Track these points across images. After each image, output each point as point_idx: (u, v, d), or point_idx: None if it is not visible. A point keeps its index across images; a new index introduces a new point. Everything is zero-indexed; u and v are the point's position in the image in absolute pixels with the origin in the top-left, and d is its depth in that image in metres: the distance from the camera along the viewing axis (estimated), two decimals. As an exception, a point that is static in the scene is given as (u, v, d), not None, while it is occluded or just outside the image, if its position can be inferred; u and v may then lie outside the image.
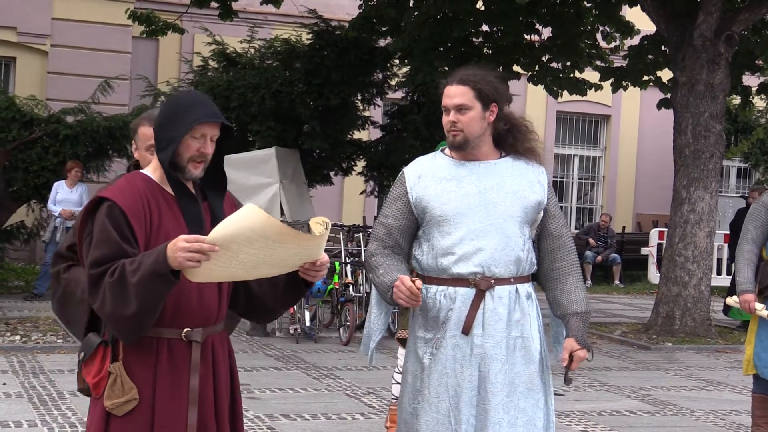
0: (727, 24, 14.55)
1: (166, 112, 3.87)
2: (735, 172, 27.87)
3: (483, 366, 4.60)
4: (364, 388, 10.19)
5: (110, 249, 3.67)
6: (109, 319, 3.65)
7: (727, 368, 12.51)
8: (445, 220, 4.65)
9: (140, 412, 3.73)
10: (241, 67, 18.68)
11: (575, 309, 4.76)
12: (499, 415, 4.57)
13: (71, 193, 15.91)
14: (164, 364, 3.76)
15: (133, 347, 3.75)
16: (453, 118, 4.68)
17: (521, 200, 4.69)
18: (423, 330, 4.71)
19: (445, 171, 4.74)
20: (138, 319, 3.61)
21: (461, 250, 4.61)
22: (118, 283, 3.60)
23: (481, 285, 4.60)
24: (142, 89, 19.00)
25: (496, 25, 16.76)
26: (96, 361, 3.79)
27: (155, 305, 3.63)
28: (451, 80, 4.76)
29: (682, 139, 14.77)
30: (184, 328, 3.79)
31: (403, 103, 19.58)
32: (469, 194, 4.66)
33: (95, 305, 3.69)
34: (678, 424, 9.31)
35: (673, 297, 14.64)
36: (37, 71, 20.79)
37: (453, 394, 4.60)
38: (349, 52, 17.59)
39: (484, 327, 4.60)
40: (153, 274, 3.55)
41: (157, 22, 16.96)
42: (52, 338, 12.04)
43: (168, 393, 3.75)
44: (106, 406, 3.73)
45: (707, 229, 14.66)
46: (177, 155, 3.81)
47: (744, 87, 18.28)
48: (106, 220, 3.72)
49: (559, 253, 4.80)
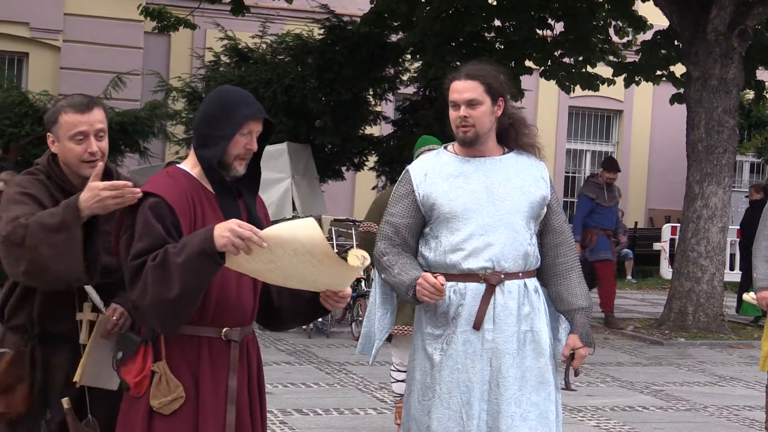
0: (740, 18, 14.49)
1: (211, 108, 3.81)
2: (748, 167, 27.76)
3: (494, 361, 4.59)
4: (376, 383, 10.19)
5: (153, 241, 3.61)
6: (150, 307, 3.56)
7: (740, 364, 12.47)
8: (453, 217, 4.64)
9: (185, 410, 3.70)
10: (252, 62, 18.69)
11: (580, 304, 4.76)
12: (511, 408, 4.57)
13: (83, 188, 15.92)
14: (205, 362, 3.74)
15: (176, 346, 3.71)
16: (464, 113, 4.65)
17: (527, 196, 4.70)
18: (431, 327, 4.70)
19: (451, 168, 4.73)
20: (180, 304, 3.54)
21: (471, 246, 4.61)
22: (161, 266, 3.53)
23: (492, 280, 4.60)
24: (154, 84, 19.04)
25: (508, 20, 16.72)
26: (137, 360, 3.74)
27: (198, 288, 3.57)
28: (458, 75, 4.74)
29: (695, 134, 14.73)
30: (224, 327, 3.76)
31: (414, 98, 19.57)
32: (477, 190, 4.65)
33: (134, 297, 3.61)
34: (691, 419, 9.28)
35: (685, 292, 14.60)
36: (50, 67, 20.82)
37: (464, 389, 4.59)
38: (361, 47, 17.59)
39: (495, 322, 4.60)
40: (200, 254, 3.50)
41: (169, 18, 16.99)
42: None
43: (210, 392, 3.73)
44: (153, 405, 3.68)
45: (720, 224, 14.61)
46: (225, 153, 3.76)
47: (757, 82, 18.20)
48: (150, 214, 3.65)
49: (561, 249, 4.80)
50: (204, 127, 3.79)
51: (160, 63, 21.80)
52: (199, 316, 3.70)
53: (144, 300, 3.57)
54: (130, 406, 3.77)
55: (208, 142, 3.77)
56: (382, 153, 19.03)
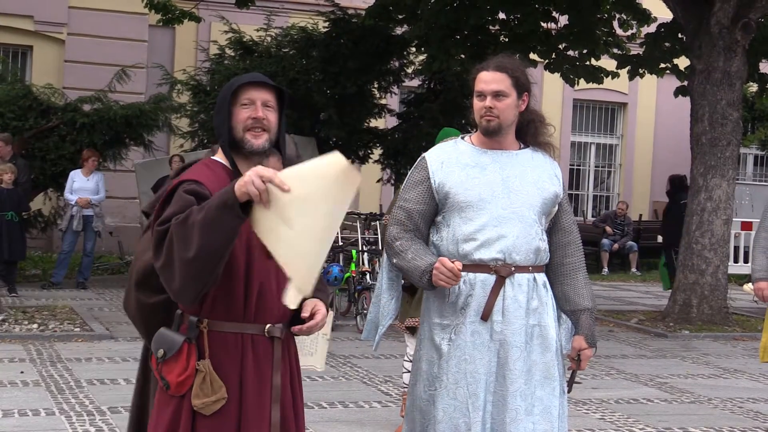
0: (743, 11, 14.48)
1: (219, 94, 3.79)
2: (752, 159, 27.76)
3: (502, 353, 4.61)
4: (381, 376, 10.21)
5: (182, 205, 3.50)
6: (172, 269, 3.44)
7: (744, 356, 12.48)
8: (468, 206, 4.65)
9: (228, 410, 3.63)
10: (257, 55, 18.70)
11: (585, 305, 4.78)
12: (516, 402, 4.58)
13: (87, 181, 15.96)
14: (249, 360, 3.67)
15: (220, 344, 3.64)
16: (490, 103, 4.66)
17: (541, 191, 4.71)
18: (439, 316, 4.70)
19: (468, 158, 4.74)
20: (199, 263, 3.39)
21: (483, 236, 4.62)
22: (182, 225, 3.41)
23: (502, 272, 4.61)
24: (159, 77, 19.04)
25: (512, 13, 16.71)
26: (181, 359, 3.63)
27: (219, 246, 3.40)
28: (486, 66, 4.74)
29: (698, 127, 14.73)
30: (266, 323, 3.71)
31: (419, 91, 19.58)
32: (493, 181, 4.66)
33: (158, 264, 3.49)
34: (695, 411, 9.30)
35: (690, 285, 14.61)
36: (54, 60, 20.85)
37: (471, 380, 4.60)
38: (366, 40, 17.59)
39: (504, 314, 4.61)
40: (220, 206, 3.37)
41: (174, 11, 16.98)
42: (69, 327, 12.08)
43: (255, 390, 3.67)
44: (195, 405, 3.61)
45: (724, 216, 14.61)
46: (232, 130, 3.69)
47: (761, 74, 18.18)
48: (185, 192, 3.55)
49: (569, 248, 4.82)
50: (214, 119, 3.76)
51: (165, 56, 21.81)
52: (242, 314, 3.64)
53: (166, 264, 3.46)
54: (166, 404, 3.69)
55: (218, 125, 3.74)
56: (387, 146, 19.04)
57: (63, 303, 13.98)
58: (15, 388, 9.02)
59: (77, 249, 16.27)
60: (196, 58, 21.63)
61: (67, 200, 16.03)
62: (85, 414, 8.17)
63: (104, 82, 17.78)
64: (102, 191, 16.10)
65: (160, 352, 3.67)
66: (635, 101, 26.45)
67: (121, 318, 13.19)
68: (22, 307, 13.37)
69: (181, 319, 3.71)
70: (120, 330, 12.20)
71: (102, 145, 16.77)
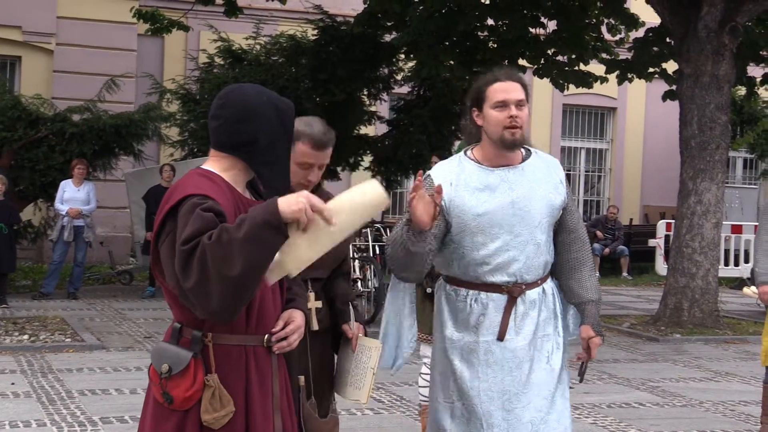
0: (731, 15, 14.53)
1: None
2: (741, 162, 27.84)
3: (515, 369, 4.63)
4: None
5: (206, 224, 3.42)
6: (211, 288, 3.36)
7: (736, 359, 12.51)
8: (480, 232, 4.62)
9: (235, 422, 3.60)
10: (246, 63, 18.70)
11: (590, 297, 4.79)
12: (531, 414, 4.60)
13: (78, 191, 15.95)
14: (253, 372, 3.65)
15: (225, 357, 3.61)
16: (515, 112, 4.57)
17: (549, 206, 4.70)
18: (452, 330, 4.71)
19: (476, 179, 4.67)
20: (243, 282, 3.34)
21: (495, 261, 4.62)
22: (219, 243, 3.33)
23: (514, 292, 4.64)
24: (148, 87, 19.05)
25: (501, 19, 16.75)
26: (188, 375, 3.57)
27: (263, 264, 3.37)
28: (499, 76, 4.67)
29: (688, 131, 14.76)
30: (265, 333, 3.69)
31: (409, 97, 19.59)
32: (503, 205, 4.62)
33: (188, 284, 3.39)
34: (687, 415, 9.31)
35: (681, 288, 14.64)
36: (43, 70, 20.82)
37: (485, 398, 4.61)
38: (355, 47, 17.60)
39: (516, 331, 4.64)
40: (265, 225, 3.32)
41: (162, 20, 16.97)
42: (60, 337, 12.06)
43: (259, 401, 3.66)
44: (205, 420, 3.56)
45: (714, 220, 14.65)
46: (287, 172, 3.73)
47: (749, 78, 18.26)
48: (199, 207, 3.47)
49: (575, 245, 4.82)
50: (280, 140, 3.72)
51: (154, 65, 21.81)
52: (245, 326, 3.62)
53: (199, 283, 3.37)
54: (165, 419, 3.63)
55: (281, 161, 3.71)
56: (377, 153, 19.04)
57: (54, 314, 13.95)
58: (6, 400, 8.99)
59: (68, 259, 16.25)
60: (186, 66, 21.64)
61: (58, 210, 16.01)
62: (77, 425, 8.15)
63: (93, 91, 17.77)
64: (93, 201, 16.08)
65: (165, 368, 3.60)
66: (624, 106, 26.51)
67: (113, 328, 13.18)
68: (13, 318, 13.35)
69: (180, 333, 3.64)
70: (111, 340, 12.18)
71: (92, 155, 16.76)
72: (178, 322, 3.66)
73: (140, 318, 14.20)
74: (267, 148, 3.64)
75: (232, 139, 3.65)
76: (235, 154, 3.67)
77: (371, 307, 13.92)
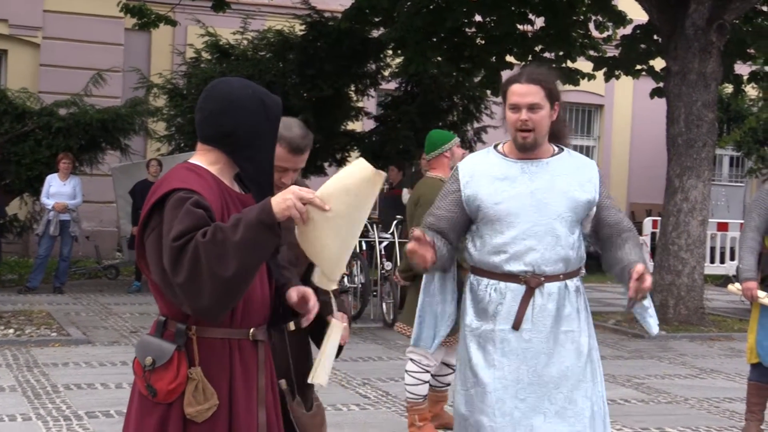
0: (718, 13, 14.55)
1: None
2: (727, 160, 27.90)
3: (531, 360, 4.68)
4: (359, 378, 10.20)
5: (197, 221, 3.41)
6: (197, 288, 3.37)
7: (721, 356, 12.54)
8: (497, 220, 4.73)
9: (219, 415, 3.60)
10: (234, 58, 18.67)
11: (634, 258, 4.77)
12: (544, 406, 4.66)
13: (64, 186, 15.90)
14: (238, 365, 3.65)
15: (209, 350, 3.60)
16: (525, 116, 4.69)
17: (571, 201, 4.75)
18: (472, 318, 4.81)
19: (497, 170, 4.80)
20: (236, 283, 3.37)
21: (513, 249, 4.70)
22: (214, 242, 3.34)
23: (531, 283, 4.70)
24: (135, 81, 19.01)
25: (489, 15, 16.75)
26: (172, 368, 3.57)
27: (258, 264, 3.41)
28: (519, 78, 4.76)
29: (674, 128, 14.79)
30: (251, 327, 3.68)
31: (396, 93, 19.59)
32: (522, 194, 4.72)
33: (179, 280, 3.39)
34: (672, 411, 9.33)
35: (666, 285, 14.67)
36: (29, 64, 20.77)
37: (499, 386, 4.69)
38: (342, 43, 17.59)
39: (533, 322, 4.70)
40: (259, 226, 3.34)
41: (150, 15, 16.92)
42: (46, 332, 12.02)
43: (244, 394, 3.66)
44: (188, 413, 3.56)
45: (700, 217, 14.68)
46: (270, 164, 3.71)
47: (736, 76, 18.29)
48: (184, 202, 3.46)
49: (620, 235, 4.88)
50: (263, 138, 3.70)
51: (141, 60, 21.75)
52: (230, 319, 3.61)
53: (190, 280, 3.38)
54: (150, 412, 3.62)
55: (262, 155, 3.69)
56: (364, 149, 19.04)
57: (39, 308, 13.91)
58: (-9, 394, 8.98)
59: (54, 254, 16.21)
60: (173, 61, 21.58)
61: (44, 205, 15.96)
62: (63, 419, 8.13)
63: (80, 86, 17.73)
64: (79, 196, 16.04)
65: (148, 360, 3.60)
66: (611, 103, 26.55)
67: (98, 323, 13.16)
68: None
69: (165, 326, 3.64)
70: (97, 335, 12.16)
71: (78, 149, 16.72)
72: (162, 315, 3.66)
73: (126, 313, 14.17)
74: (248, 141, 3.64)
75: (214, 131, 3.65)
76: (219, 146, 3.67)
77: (358, 302, 13.93)
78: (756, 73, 18.61)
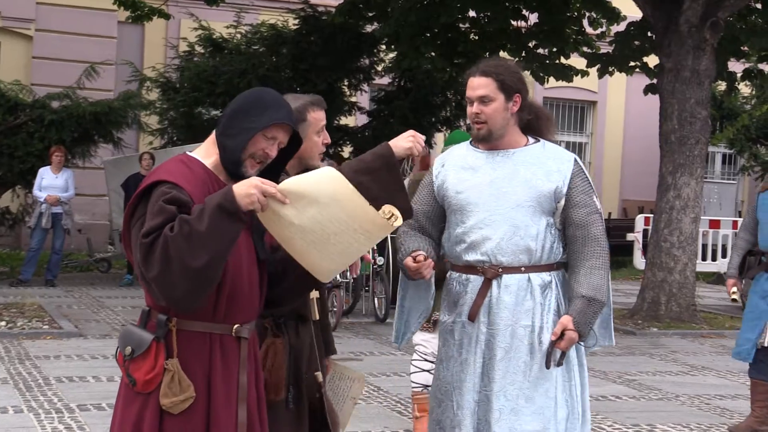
0: (712, 10, 14.56)
1: (246, 102, 3.73)
2: (720, 158, 27.93)
3: (487, 353, 4.66)
4: (350, 373, 10.19)
5: (168, 218, 3.48)
6: (175, 279, 3.44)
7: (712, 353, 12.56)
8: (459, 209, 4.74)
9: (196, 409, 3.62)
10: (227, 52, 18.66)
11: (581, 292, 4.65)
12: (500, 402, 4.61)
13: (56, 178, 15.88)
14: (217, 360, 3.66)
15: (188, 343, 3.63)
16: (476, 109, 4.71)
17: (533, 189, 4.68)
18: (444, 312, 4.85)
19: (463, 160, 4.83)
20: (206, 272, 3.43)
21: (470, 239, 4.70)
22: (181, 236, 3.41)
23: (488, 273, 4.67)
24: (128, 74, 18.98)
25: (482, 11, 16.74)
26: (149, 358, 3.62)
27: (225, 252, 3.47)
28: (474, 71, 4.77)
29: (667, 125, 14.80)
30: (234, 324, 3.70)
31: (389, 88, 19.58)
32: (482, 184, 4.72)
33: (152, 274, 3.47)
34: (663, 408, 9.35)
35: (658, 282, 14.69)
36: (22, 56, 20.73)
37: (458, 379, 4.69)
38: (336, 37, 17.58)
39: (489, 315, 4.67)
40: (223, 215, 3.42)
41: (143, 8, 16.89)
42: (38, 324, 12.01)
43: (223, 390, 3.67)
44: (163, 404, 3.60)
45: (692, 214, 14.70)
46: (243, 147, 3.68)
47: (729, 73, 18.29)
48: (163, 198, 3.52)
49: (577, 241, 4.72)
50: (233, 116, 3.70)
51: (134, 53, 21.71)
52: (212, 314, 3.64)
53: (162, 273, 3.45)
54: (131, 401, 3.68)
55: (233, 132, 3.68)
56: (357, 143, 19.04)
57: (31, 300, 13.89)
58: (-17, 386, 8.97)
59: (46, 246, 16.19)
60: (166, 55, 21.55)
61: (36, 197, 15.94)
62: (54, 411, 8.13)
63: (73, 78, 17.69)
64: (71, 189, 16.02)
65: (128, 350, 3.66)
66: (605, 99, 26.56)
67: (90, 316, 13.15)
68: (-10, 305, 13.30)
69: (148, 317, 3.69)
70: (89, 328, 12.15)
71: (71, 142, 16.69)
72: (147, 306, 3.72)
73: (118, 306, 14.16)
74: (231, 119, 3.70)
75: (228, 143, 3.71)
76: (215, 136, 3.75)
77: (350, 297, 13.93)
78: (749, 70, 18.61)
